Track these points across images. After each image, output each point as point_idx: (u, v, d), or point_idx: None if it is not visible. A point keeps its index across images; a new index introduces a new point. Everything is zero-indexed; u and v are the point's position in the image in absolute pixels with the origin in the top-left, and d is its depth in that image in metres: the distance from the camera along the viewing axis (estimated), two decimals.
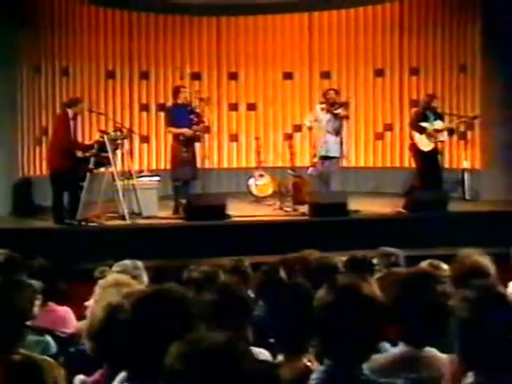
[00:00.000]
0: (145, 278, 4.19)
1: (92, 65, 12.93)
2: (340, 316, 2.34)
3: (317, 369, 2.42)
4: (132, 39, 13.35)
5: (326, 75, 13.99)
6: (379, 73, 13.80)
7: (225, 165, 14.09)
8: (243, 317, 3.43)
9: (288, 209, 11.18)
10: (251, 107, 14.21)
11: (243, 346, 1.78)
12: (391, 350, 3.20)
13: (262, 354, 3.38)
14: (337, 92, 11.56)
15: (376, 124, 13.88)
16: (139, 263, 4.31)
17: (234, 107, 14.19)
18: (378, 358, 3.11)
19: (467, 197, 12.17)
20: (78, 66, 12.73)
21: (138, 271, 4.15)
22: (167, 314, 2.40)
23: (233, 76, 14.12)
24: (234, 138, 14.16)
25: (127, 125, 12.73)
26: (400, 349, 3.11)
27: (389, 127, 13.75)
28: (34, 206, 11.17)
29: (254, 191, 12.37)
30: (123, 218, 10.13)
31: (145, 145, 13.46)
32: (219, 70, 14.04)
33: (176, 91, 11.16)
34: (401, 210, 10.93)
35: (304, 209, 10.83)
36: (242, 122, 14.19)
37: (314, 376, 2.35)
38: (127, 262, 4.27)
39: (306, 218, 10.64)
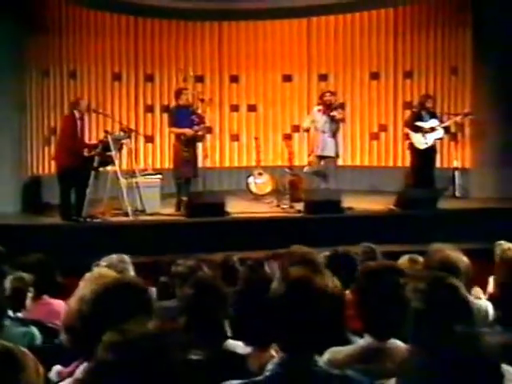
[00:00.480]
0: (131, 272, 4.21)
1: (99, 68, 12.98)
2: (291, 308, 2.31)
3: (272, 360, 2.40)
4: (137, 43, 13.40)
5: (323, 78, 14.00)
6: (374, 75, 13.79)
7: (226, 163, 14.13)
8: (219, 310, 3.45)
9: (285, 206, 11.20)
10: (252, 108, 14.25)
11: (173, 338, 1.75)
12: (357, 342, 3.21)
13: (239, 346, 3.40)
14: (332, 94, 11.59)
15: (371, 125, 13.87)
16: (126, 257, 4.33)
17: (235, 108, 14.22)
18: (342, 350, 3.11)
19: (457, 194, 12.19)
20: (86, 69, 12.78)
21: (124, 265, 4.17)
22: (125, 306, 2.40)
23: (234, 78, 14.15)
24: (235, 137, 14.20)
25: (133, 125, 12.83)
26: (365, 341, 3.10)
27: (383, 128, 13.75)
28: (42, 203, 11.22)
29: (253, 189, 12.38)
30: (127, 214, 10.18)
31: (149, 144, 13.51)
32: (221, 73, 14.08)
33: (178, 93, 11.21)
34: (392, 207, 10.95)
35: (300, 206, 10.82)
36: (242, 122, 14.23)
37: (268, 367, 2.35)
38: (114, 256, 4.30)
39: (301, 214, 10.65)
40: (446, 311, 2.49)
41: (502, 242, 7.24)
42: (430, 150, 11.77)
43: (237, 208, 10.85)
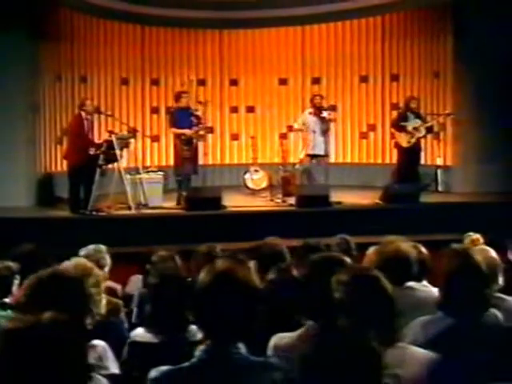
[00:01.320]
0: (107, 261, 4.19)
1: (108, 73, 12.99)
2: (214, 298, 2.32)
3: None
4: (144, 50, 13.41)
5: (316, 81, 13.99)
6: (364, 79, 13.78)
7: (227, 161, 14.14)
8: (181, 299, 3.46)
9: (278, 200, 11.21)
10: (250, 110, 14.23)
11: (67, 329, 1.70)
12: (301, 328, 3.20)
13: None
14: (322, 97, 11.60)
15: (361, 124, 13.86)
16: (102, 247, 4.32)
17: (234, 110, 14.21)
18: (286, 336, 3.11)
19: (440, 189, 12.18)
20: (96, 74, 12.79)
21: (100, 254, 4.16)
22: (60, 295, 2.40)
23: (233, 82, 14.14)
24: (235, 137, 14.19)
25: (139, 126, 12.91)
26: (307, 326, 3.10)
27: (372, 127, 13.74)
28: (54, 197, 11.25)
29: (250, 185, 12.38)
30: (130, 208, 10.19)
31: (155, 144, 13.51)
32: (221, 77, 14.07)
33: (178, 96, 11.23)
34: (378, 201, 10.93)
35: (292, 200, 10.83)
36: (241, 123, 14.21)
37: (196, 353, 2.35)
38: (91, 246, 4.29)
39: (293, 208, 10.66)
40: (364, 303, 2.48)
41: (471, 233, 7.23)
42: (415, 148, 11.76)
43: (234, 202, 10.86)
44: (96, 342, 2.85)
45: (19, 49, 10.83)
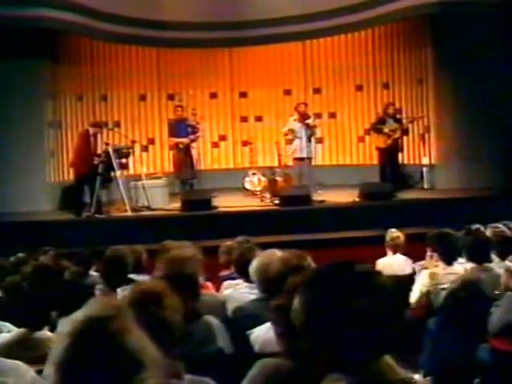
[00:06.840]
0: None
1: (127, 90, 13.07)
2: None
3: None
4: (159, 69, 13.42)
5: (317, 91, 13.71)
6: (359, 88, 13.41)
7: (240, 165, 14.03)
8: None
9: (267, 200, 11.08)
10: (258, 119, 14.06)
11: None
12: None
13: None
14: (306, 105, 11.44)
15: (358, 129, 13.53)
16: None
17: (244, 119, 14.07)
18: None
19: (426, 186, 11.77)
20: (115, 93, 12.91)
21: None
22: None
23: (243, 94, 13.99)
24: (245, 143, 14.08)
25: (157, 136, 13.05)
26: (15, 332, 3.01)
27: (368, 131, 13.28)
28: (75, 202, 11.41)
29: (248, 186, 12.19)
30: (133, 210, 10.25)
31: (170, 152, 13.53)
32: (232, 90, 13.95)
33: (174, 110, 11.34)
34: (357, 199, 10.68)
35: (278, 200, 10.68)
36: (251, 130, 14.06)
37: None
38: None
39: (276, 207, 10.51)
40: None
41: (393, 229, 6.96)
42: (394, 149, 11.47)
43: (231, 203, 10.77)
44: None
45: (42, 73, 11.13)
